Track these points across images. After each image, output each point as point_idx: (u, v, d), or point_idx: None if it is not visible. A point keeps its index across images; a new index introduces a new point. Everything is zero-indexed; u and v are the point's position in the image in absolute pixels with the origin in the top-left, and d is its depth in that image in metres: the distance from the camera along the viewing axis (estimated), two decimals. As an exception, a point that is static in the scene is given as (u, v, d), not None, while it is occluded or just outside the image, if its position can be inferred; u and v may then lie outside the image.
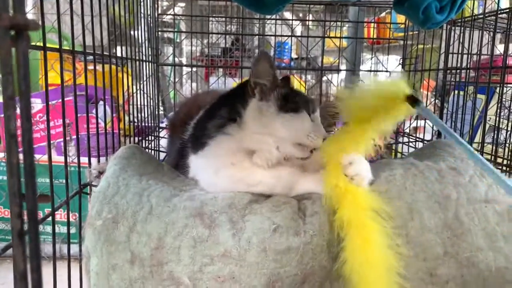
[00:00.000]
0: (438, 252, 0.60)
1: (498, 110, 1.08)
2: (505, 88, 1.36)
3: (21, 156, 0.25)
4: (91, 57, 0.77)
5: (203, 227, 0.59)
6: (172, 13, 1.60)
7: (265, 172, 0.66)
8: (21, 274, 0.26)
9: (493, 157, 1.05)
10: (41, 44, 0.59)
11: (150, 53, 1.34)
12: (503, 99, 1.36)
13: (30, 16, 1.91)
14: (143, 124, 1.27)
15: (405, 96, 0.60)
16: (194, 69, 1.63)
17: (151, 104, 1.35)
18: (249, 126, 0.66)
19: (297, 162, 0.69)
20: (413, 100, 0.60)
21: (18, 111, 0.25)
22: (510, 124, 1.32)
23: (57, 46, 0.64)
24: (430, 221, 0.61)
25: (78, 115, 0.69)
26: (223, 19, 2.10)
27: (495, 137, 1.11)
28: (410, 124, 1.57)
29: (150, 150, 1.23)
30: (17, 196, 0.25)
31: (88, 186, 0.75)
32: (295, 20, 1.63)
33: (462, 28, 1.21)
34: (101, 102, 1.12)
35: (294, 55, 3.42)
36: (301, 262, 0.58)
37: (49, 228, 1.55)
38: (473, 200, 0.64)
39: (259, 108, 0.67)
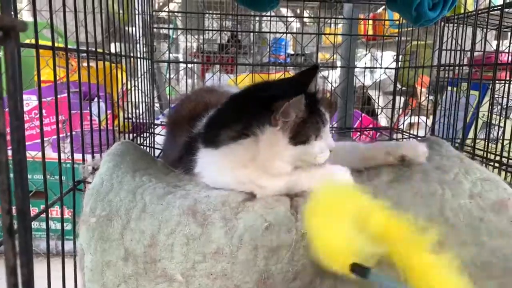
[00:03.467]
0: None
1: (490, 106, 1.09)
2: (497, 85, 1.37)
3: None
4: (85, 54, 0.77)
5: (196, 225, 0.60)
6: (168, 9, 1.60)
7: (275, 178, 0.67)
8: (11, 269, 0.26)
9: (485, 153, 1.06)
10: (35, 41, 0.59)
11: (145, 50, 1.34)
12: (496, 96, 1.37)
13: (25, 13, 1.90)
14: (138, 120, 1.27)
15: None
16: (190, 65, 1.63)
17: (146, 100, 1.35)
18: (261, 148, 0.65)
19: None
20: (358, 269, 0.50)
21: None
22: (503, 120, 1.33)
23: (50, 43, 0.64)
24: (415, 217, 0.61)
25: (73, 111, 0.70)
26: (219, 15, 2.10)
27: (488, 133, 1.12)
28: (405, 121, 1.58)
29: (144, 147, 1.23)
30: (6, 193, 0.26)
31: (83, 183, 0.76)
32: (291, 17, 1.63)
33: (455, 25, 1.21)
34: (96, 99, 1.12)
35: (290, 51, 3.42)
36: (292, 259, 0.59)
37: (44, 225, 1.55)
38: (458, 196, 0.65)
39: (275, 136, 0.65)
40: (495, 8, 1.07)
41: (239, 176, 0.67)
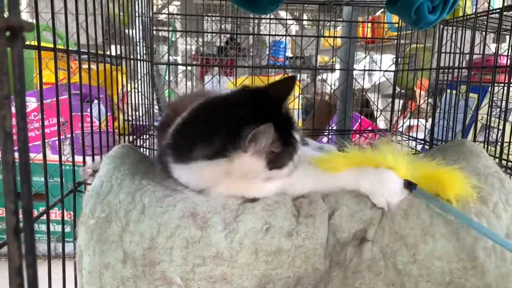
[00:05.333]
0: (443, 279, 0.58)
1: (489, 109, 1.09)
2: (496, 87, 1.37)
3: (16, 154, 0.26)
4: (86, 56, 0.77)
5: (195, 228, 0.59)
6: (167, 11, 1.61)
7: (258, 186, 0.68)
8: (17, 269, 0.26)
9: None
10: (36, 43, 0.59)
11: (144, 52, 1.35)
12: (495, 98, 1.38)
13: (24, 15, 1.90)
14: (137, 122, 1.27)
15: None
16: (189, 67, 1.63)
17: (146, 103, 1.35)
18: (236, 169, 0.64)
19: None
20: (408, 184, 0.63)
21: (13, 109, 0.26)
22: (502, 123, 1.33)
23: (52, 45, 0.64)
24: (442, 249, 0.59)
25: (73, 114, 0.70)
26: (218, 18, 2.11)
27: (487, 135, 1.13)
28: (404, 123, 1.59)
29: (144, 149, 1.23)
30: (12, 193, 0.26)
31: (83, 185, 0.76)
32: (290, 19, 1.64)
33: (454, 28, 1.22)
34: (96, 101, 1.12)
35: (289, 54, 3.42)
36: (293, 264, 0.59)
37: (43, 227, 1.55)
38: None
39: (249, 160, 0.63)
40: (494, 11, 1.08)
41: (220, 190, 0.67)
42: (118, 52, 1.02)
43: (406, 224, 0.61)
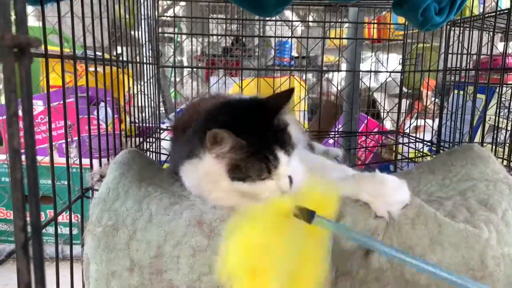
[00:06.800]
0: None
1: (497, 110, 1.09)
2: (504, 88, 1.36)
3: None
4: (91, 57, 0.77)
5: (202, 236, 0.59)
6: (173, 13, 1.61)
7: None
8: (26, 285, 0.26)
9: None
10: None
11: (150, 55, 1.35)
12: (503, 99, 1.37)
13: (31, 18, 1.91)
14: (144, 125, 1.27)
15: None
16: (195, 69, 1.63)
17: (152, 105, 1.36)
18: (201, 171, 0.64)
19: None
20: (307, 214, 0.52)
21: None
22: (510, 123, 1.32)
23: (57, 48, 0.64)
24: (451, 258, 0.58)
25: (80, 116, 0.70)
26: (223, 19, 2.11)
27: (495, 136, 1.12)
28: (411, 124, 1.58)
29: (150, 153, 1.23)
30: (21, 210, 0.26)
31: (90, 190, 0.76)
32: (296, 21, 1.63)
33: (462, 28, 1.21)
34: (102, 104, 1.12)
35: (295, 54, 3.42)
36: None
37: (51, 229, 1.55)
38: (503, 243, 0.58)
39: (212, 162, 0.63)
40: (502, 11, 1.06)
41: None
42: (124, 54, 1.02)
43: (414, 234, 0.60)
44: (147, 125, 1.29)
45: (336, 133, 1.61)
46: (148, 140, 1.26)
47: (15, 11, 0.25)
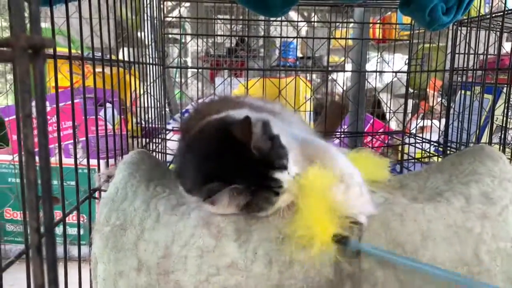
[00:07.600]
0: (448, 285, 0.56)
1: (505, 110, 1.08)
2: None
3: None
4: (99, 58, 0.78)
5: (210, 237, 0.59)
6: (178, 14, 1.61)
7: None
8: (40, 286, 0.26)
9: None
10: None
11: (156, 56, 1.35)
12: (511, 99, 1.35)
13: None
14: (149, 125, 1.27)
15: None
16: (200, 70, 1.63)
17: (158, 106, 1.36)
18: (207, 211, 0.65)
19: None
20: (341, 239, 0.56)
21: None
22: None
23: (65, 49, 0.64)
24: (445, 254, 0.57)
25: (86, 117, 0.70)
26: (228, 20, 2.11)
27: (502, 137, 1.11)
28: (417, 124, 1.57)
29: (156, 153, 1.23)
30: (35, 211, 0.26)
31: (97, 191, 0.76)
32: (301, 21, 1.63)
33: (469, 28, 1.20)
34: (109, 104, 1.13)
35: (299, 54, 3.41)
36: (307, 275, 0.58)
37: (58, 230, 1.56)
38: (498, 238, 0.57)
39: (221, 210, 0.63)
40: (510, 11, 1.06)
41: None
42: (130, 55, 1.02)
43: (403, 230, 0.58)
44: (153, 126, 1.30)
45: (342, 133, 1.60)
46: (154, 140, 1.26)
47: (29, 11, 0.25)
